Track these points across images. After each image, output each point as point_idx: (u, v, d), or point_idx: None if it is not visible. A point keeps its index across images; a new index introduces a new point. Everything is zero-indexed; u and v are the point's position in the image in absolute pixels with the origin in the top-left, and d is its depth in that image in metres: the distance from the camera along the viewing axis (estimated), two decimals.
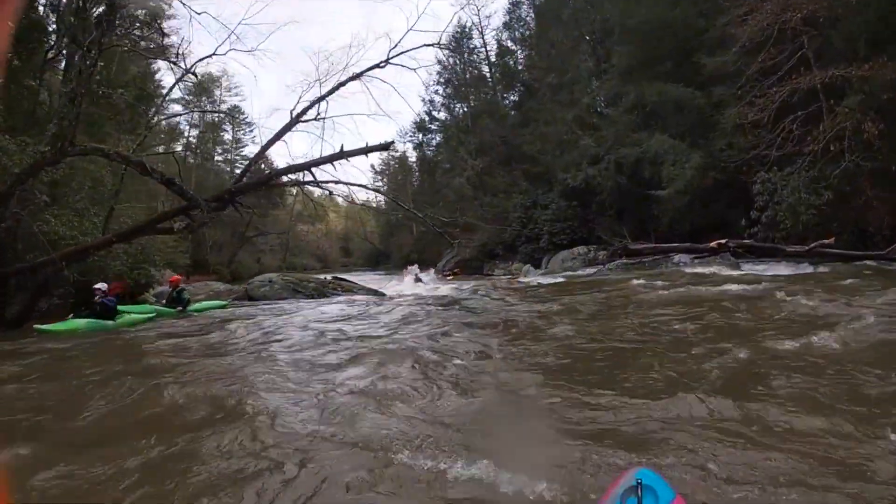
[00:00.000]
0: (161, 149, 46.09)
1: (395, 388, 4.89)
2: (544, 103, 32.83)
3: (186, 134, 51.95)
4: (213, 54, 14.78)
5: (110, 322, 10.65)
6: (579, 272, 23.24)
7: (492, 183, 36.41)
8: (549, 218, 30.36)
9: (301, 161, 13.05)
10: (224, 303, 15.09)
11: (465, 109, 43.12)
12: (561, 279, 20.39)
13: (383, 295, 17.39)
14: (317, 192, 14.03)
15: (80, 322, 10.15)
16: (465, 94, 43.01)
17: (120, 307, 11.59)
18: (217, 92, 52.99)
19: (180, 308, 13.14)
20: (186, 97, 48.90)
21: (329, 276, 20.47)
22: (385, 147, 13.38)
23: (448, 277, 30.68)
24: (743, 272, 14.84)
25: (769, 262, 16.41)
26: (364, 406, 4.38)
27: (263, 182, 13.42)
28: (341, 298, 15.83)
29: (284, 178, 14.84)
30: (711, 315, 7.65)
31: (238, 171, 52.19)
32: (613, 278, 17.54)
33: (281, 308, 13.38)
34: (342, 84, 14.10)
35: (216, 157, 56.60)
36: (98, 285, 11.01)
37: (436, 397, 4.61)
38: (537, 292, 15.41)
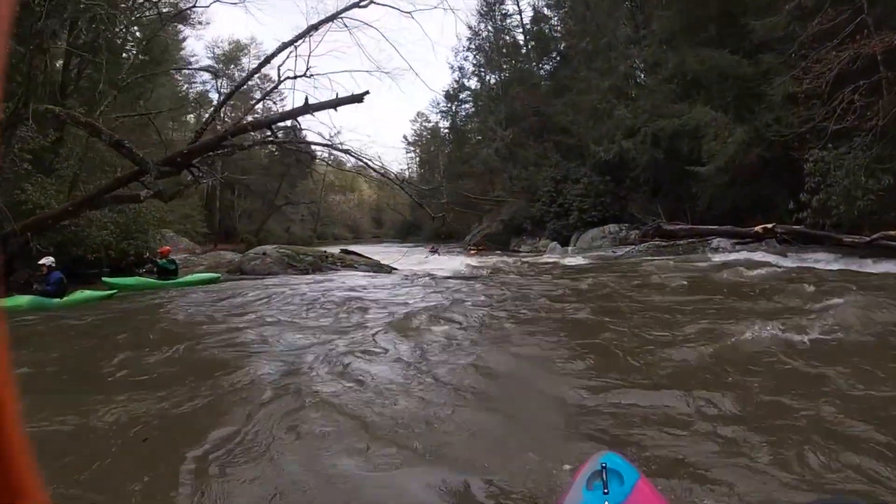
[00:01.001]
0: (190, 118, 47.33)
1: (346, 385, 4.56)
2: (578, 71, 30.94)
3: (216, 101, 50.98)
4: (194, 6, 13.48)
5: (56, 300, 9.79)
6: (608, 252, 21.83)
7: (522, 154, 34.85)
8: (580, 193, 28.82)
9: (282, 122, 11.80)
10: (216, 275, 14.22)
11: (497, 78, 41.24)
12: (584, 260, 19.07)
13: (391, 271, 16.38)
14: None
15: (23, 300, 9.46)
16: (496, 63, 41.00)
17: (107, 279, 11.66)
18: (245, 60, 51.53)
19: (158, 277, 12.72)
20: (215, 65, 48.52)
21: (337, 249, 19.48)
22: (358, 99, 11.87)
23: (472, 253, 29.90)
24: (790, 263, 13.16)
25: (819, 252, 14.58)
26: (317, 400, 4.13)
27: (215, 144, 11.68)
28: (339, 274, 14.74)
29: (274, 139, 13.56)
30: (730, 304, 7.24)
31: (272, 139, 54.14)
32: (642, 262, 16.33)
33: (263, 285, 12.31)
34: (315, 27, 12.59)
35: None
36: (43, 260, 10.12)
37: (401, 387, 4.48)
38: (553, 274, 14.38)
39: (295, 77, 12.71)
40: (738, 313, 6.74)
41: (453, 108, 45.90)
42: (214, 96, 49.15)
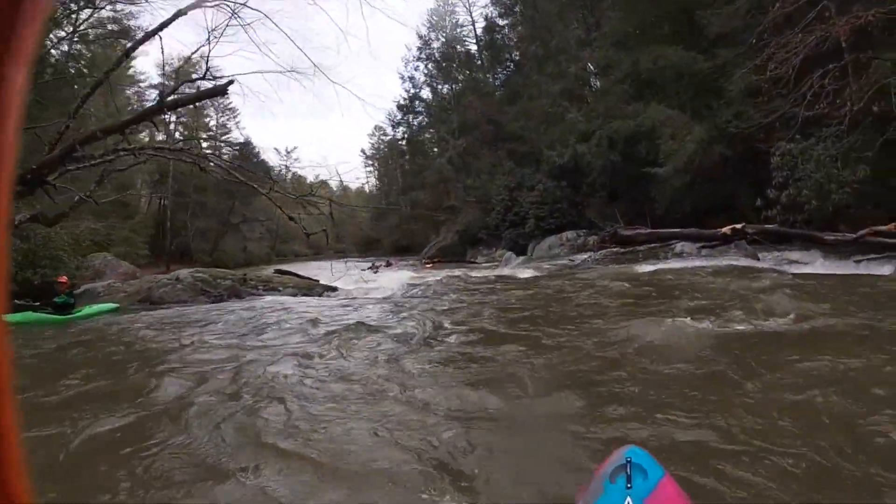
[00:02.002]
0: (144, 135, 46.05)
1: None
2: (530, 77, 30.00)
3: (170, 120, 49.64)
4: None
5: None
6: (565, 260, 20.55)
7: (475, 164, 33.98)
8: (536, 200, 27.78)
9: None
10: (114, 306, 12.60)
11: (450, 88, 40.19)
12: (536, 272, 17.71)
13: (322, 293, 14.99)
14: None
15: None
16: (448, 72, 39.94)
17: None
18: (196, 76, 49.97)
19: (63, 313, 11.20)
20: (166, 83, 46.80)
21: (272, 269, 17.91)
22: (220, 91, 10.27)
23: (427, 266, 28.70)
24: (765, 266, 12.09)
25: (794, 252, 13.46)
26: None
27: (64, 155, 9.58)
28: (258, 300, 13.07)
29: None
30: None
31: (225, 157, 52.83)
32: (594, 271, 15.20)
33: (163, 317, 10.62)
34: (182, 12, 10.50)
35: (203, 145, 53.92)
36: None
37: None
38: (498, 288, 13.37)
39: (195, 80, 11.04)
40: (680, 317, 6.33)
41: (408, 119, 44.55)
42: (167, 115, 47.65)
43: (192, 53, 11.22)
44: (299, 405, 4.31)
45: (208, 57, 10.64)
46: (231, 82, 10.27)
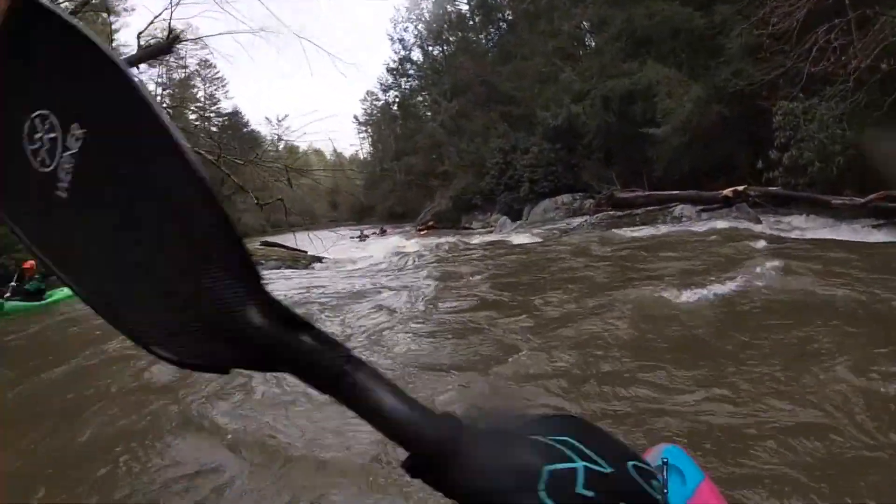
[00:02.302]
0: None
1: None
2: (521, 35, 29.02)
3: (155, 93, 48.50)
4: None
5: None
6: (560, 224, 19.99)
7: (469, 127, 33.02)
8: (530, 163, 27.13)
9: None
10: None
11: (441, 50, 39.03)
12: (529, 237, 17.24)
13: (310, 264, 14.97)
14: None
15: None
16: (439, 33, 38.69)
17: None
18: (181, 47, 48.96)
19: (36, 300, 10.82)
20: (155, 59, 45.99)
21: (258, 242, 17.44)
22: (164, 50, 9.54)
23: (421, 233, 28.63)
24: (769, 231, 11.45)
25: (798, 216, 13.01)
26: None
27: None
28: None
29: None
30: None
31: (214, 129, 52.18)
32: (591, 235, 14.78)
33: None
34: None
35: (190, 116, 53.08)
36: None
37: None
38: (489, 255, 13.14)
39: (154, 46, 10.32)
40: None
41: (399, 82, 43.34)
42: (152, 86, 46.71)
43: (156, 18, 10.42)
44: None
45: (170, 20, 9.91)
46: (176, 39, 9.66)
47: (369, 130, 59.32)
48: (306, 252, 15.96)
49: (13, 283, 10.87)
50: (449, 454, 0.38)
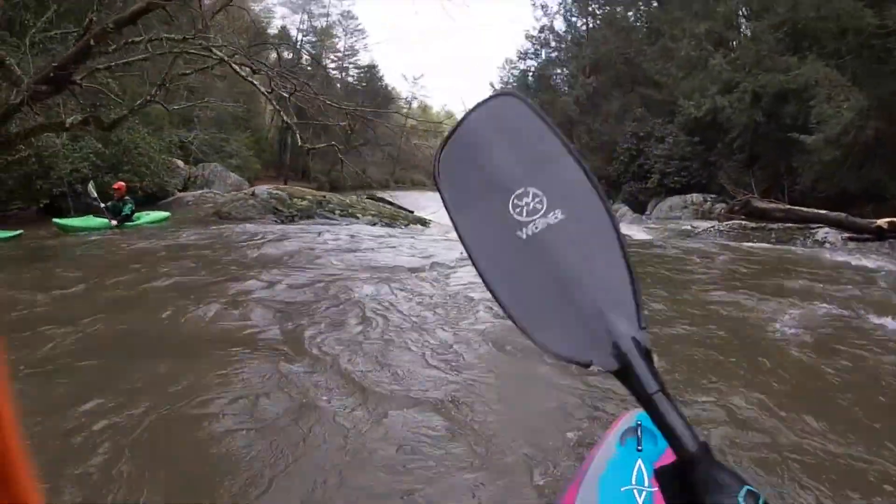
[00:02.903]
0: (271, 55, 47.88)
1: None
2: (672, 13, 26.72)
3: (296, 38, 51.12)
4: None
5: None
6: (686, 226, 18.23)
7: (605, 107, 31.20)
8: (664, 154, 25.42)
9: None
10: (166, 215, 13.22)
11: (585, 21, 36.85)
12: (647, 234, 15.88)
13: (409, 224, 14.32)
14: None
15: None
16: (584, 4, 36.41)
17: (57, 221, 11.15)
18: None
19: (115, 222, 11.67)
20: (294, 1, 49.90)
21: (370, 195, 17.32)
22: None
23: None
24: None
25: None
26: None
27: (84, 49, 8.59)
28: (330, 225, 12.51)
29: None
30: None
31: (351, 80, 53.66)
32: (720, 245, 12.76)
33: (209, 234, 10.59)
34: None
35: (330, 65, 55.43)
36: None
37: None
38: None
39: None
40: None
41: (538, 51, 41.56)
42: (294, 32, 48.42)
43: None
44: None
45: None
46: None
47: None
48: (411, 212, 15.79)
49: (108, 204, 11.98)
50: (697, 464, 0.54)
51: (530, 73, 42.05)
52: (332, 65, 55.77)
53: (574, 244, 0.63)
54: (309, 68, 51.14)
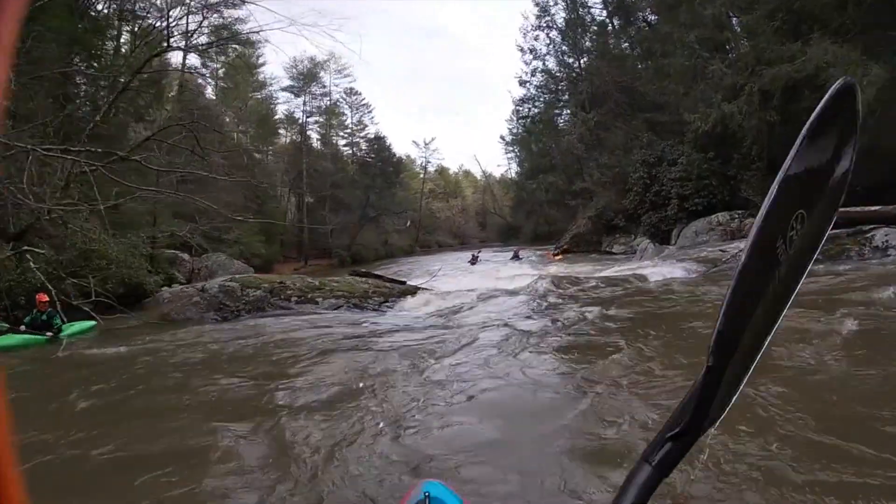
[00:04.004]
0: (286, 139, 48.64)
1: None
2: (661, 30, 25.24)
3: (302, 120, 52.11)
4: None
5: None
6: (716, 251, 15.62)
7: (609, 139, 29.54)
8: (679, 176, 23.62)
9: None
10: (92, 324, 11.48)
11: (577, 58, 35.76)
12: (672, 271, 13.51)
13: (412, 295, 12.55)
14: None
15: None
16: (574, 40, 35.35)
17: None
18: (325, 76, 53.13)
19: (50, 334, 10.37)
20: (295, 85, 51.22)
21: (355, 271, 15.63)
22: None
23: (557, 258, 26.41)
24: None
25: None
26: None
27: None
28: (280, 319, 10.48)
29: None
30: None
31: (361, 154, 54.10)
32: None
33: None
34: None
35: (340, 143, 57.01)
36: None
37: None
38: (615, 298, 10.11)
39: None
40: None
41: (531, 93, 40.61)
42: (299, 115, 48.96)
43: None
44: None
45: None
46: None
47: (516, 150, 57.68)
48: (404, 282, 14.06)
49: (26, 319, 10.57)
50: None
51: (536, 120, 41.08)
52: (343, 141, 56.92)
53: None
54: (318, 146, 51.98)
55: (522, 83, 39.35)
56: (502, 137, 58.48)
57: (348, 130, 56.62)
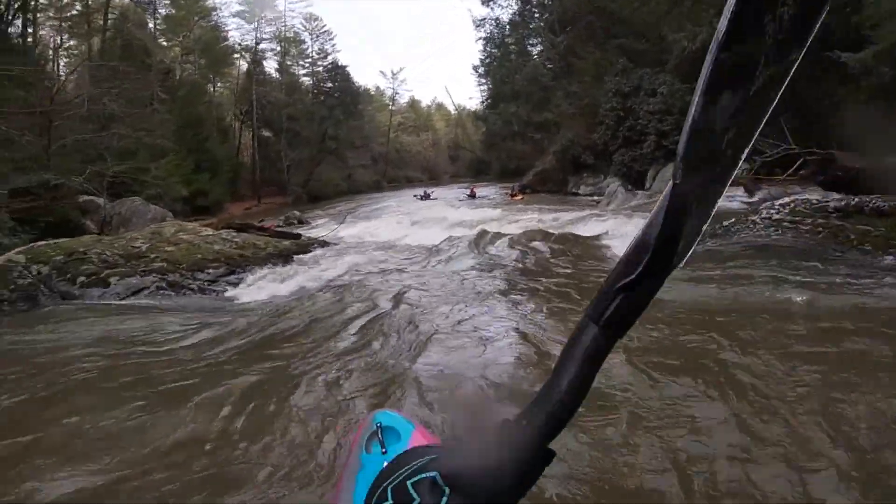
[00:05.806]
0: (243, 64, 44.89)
1: None
2: None
3: (252, 48, 47.77)
4: None
5: None
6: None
7: (578, 66, 26.40)
8: (657, 109, 21.30)
9: None
10: None
11: None
12: (632, 226, 10.52)
13: (289, 258, 10.19)
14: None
15: None
16: None
17: None
18: (279, 3, 49.15)
19: None
20: (246, 10, 46.94)
21: (232, 223, 12.73)
22: None
23: (518, 198, 24.20)
24: None
25: None
26: None
27: None
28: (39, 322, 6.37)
29: None
30: None
31: (324, 84, 50.15)
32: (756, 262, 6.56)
33: None
34: None
35: (301, 72, 52.95)
36: None
37: None
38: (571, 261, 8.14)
39: None
40: None
41: (495, 13, 36.97)
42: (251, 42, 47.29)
43: None
44: None
45: None
46: None
47: (488, 81, 54.09)
48: (299, 236, 12.17)
49: None
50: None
51: (499, 42, 37.50)
52: (304, 71, 52.93)
53: None
54: (276, 75, 47.87)
55: (486, 2, 35.51)
56: (475, 68, 54.68)
57: (309, 59, 52.56)
